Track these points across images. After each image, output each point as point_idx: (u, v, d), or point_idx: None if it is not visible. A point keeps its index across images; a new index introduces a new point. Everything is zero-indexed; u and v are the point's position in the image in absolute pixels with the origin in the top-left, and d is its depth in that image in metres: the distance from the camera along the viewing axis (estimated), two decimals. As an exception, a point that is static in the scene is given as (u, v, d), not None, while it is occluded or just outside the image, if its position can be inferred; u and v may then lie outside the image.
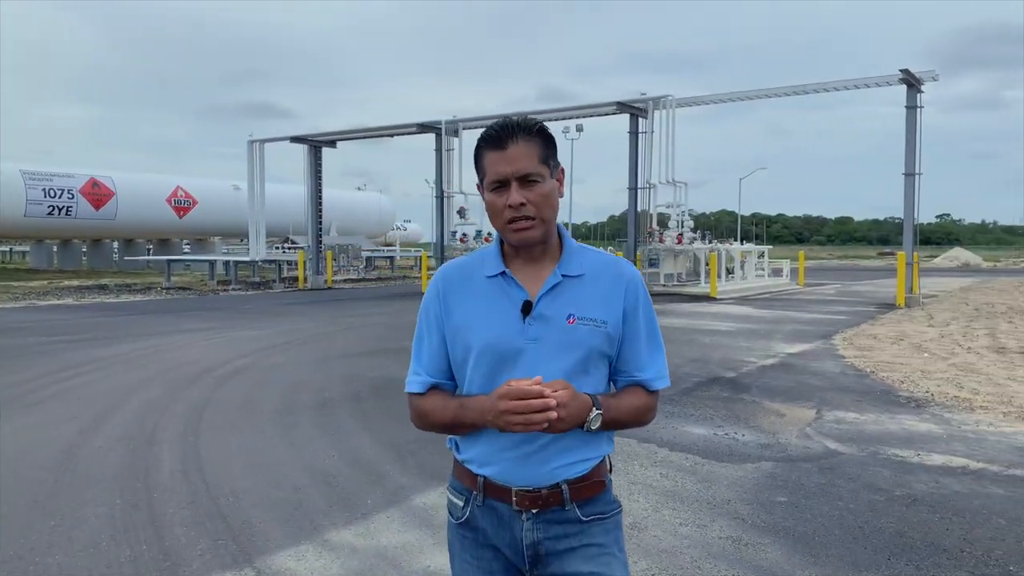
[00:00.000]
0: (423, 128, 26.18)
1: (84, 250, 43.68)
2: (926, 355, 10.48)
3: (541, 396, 1.53)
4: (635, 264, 21.92)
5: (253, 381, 8.56)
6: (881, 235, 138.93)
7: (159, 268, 34.41)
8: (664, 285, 23.86)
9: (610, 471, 1.84)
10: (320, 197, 29.12)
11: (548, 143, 1.70)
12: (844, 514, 4.44)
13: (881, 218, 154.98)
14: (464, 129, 25.47)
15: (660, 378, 1.79)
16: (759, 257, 28.14)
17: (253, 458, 5.57)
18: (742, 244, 27.44)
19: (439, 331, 1.76)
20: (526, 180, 1.65)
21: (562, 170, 1.76)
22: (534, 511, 1.71)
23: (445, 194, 26.41)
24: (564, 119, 27.90)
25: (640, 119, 23.06)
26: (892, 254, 70.72)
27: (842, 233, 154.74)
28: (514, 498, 1.71)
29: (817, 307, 18.68)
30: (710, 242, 26.15)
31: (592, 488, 1.75)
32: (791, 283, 28.10)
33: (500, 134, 1.66)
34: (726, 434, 6.26)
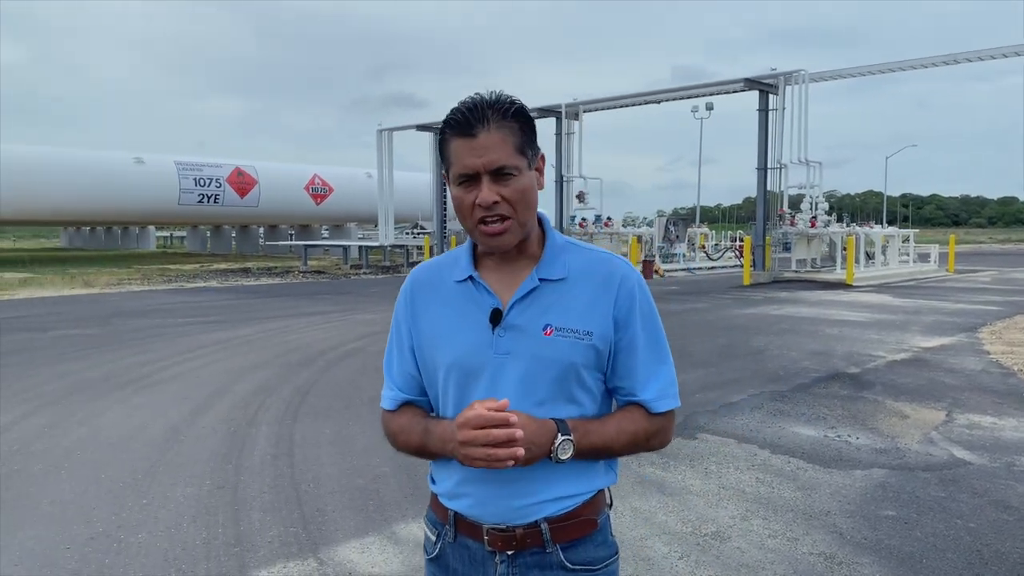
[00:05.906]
0: (543, 112, 26.04)
1: (233, 235, 46.66)
2: (1089, 352, 9.33)
3: (506, 424, 1.30)
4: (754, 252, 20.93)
5: (360, 365, 8.74)
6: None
7: (299, 253, 36.17)
8: (796, 271, 22.70)
9: (609, 506, 1.57)
10: (445, 183, 29.57)
11: (527, 127, 1.43)
12: (962, 534, 3.95)
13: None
14: (585, 112, 25.14)
15: (665, 397, 1.50)
16: (903, 241, 26.21)
17: (343, 444, 5.64)
18: (885, 227, 25.61)
19: (409, 341, 1.56)
20: (500, 174, 1.40)
21: (542, 157, 1.50)
22: (509, 553, 1.47)
23: (564, 178, 26.22)
24: (691, 98, 27.08)
25: (770, 96, 21.95)
26: (1063, 237, 64.28)
27: (1005, 215, 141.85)
28: (486, 537, 1.48)
29: (965, 296, 17.16)
30: (847, 224, 24.62)
31: (580, 528, 1.49)
32: (940, 269, 26.02)
33: (467, 117, 1.39)
34: (838, 436, 5.77)
